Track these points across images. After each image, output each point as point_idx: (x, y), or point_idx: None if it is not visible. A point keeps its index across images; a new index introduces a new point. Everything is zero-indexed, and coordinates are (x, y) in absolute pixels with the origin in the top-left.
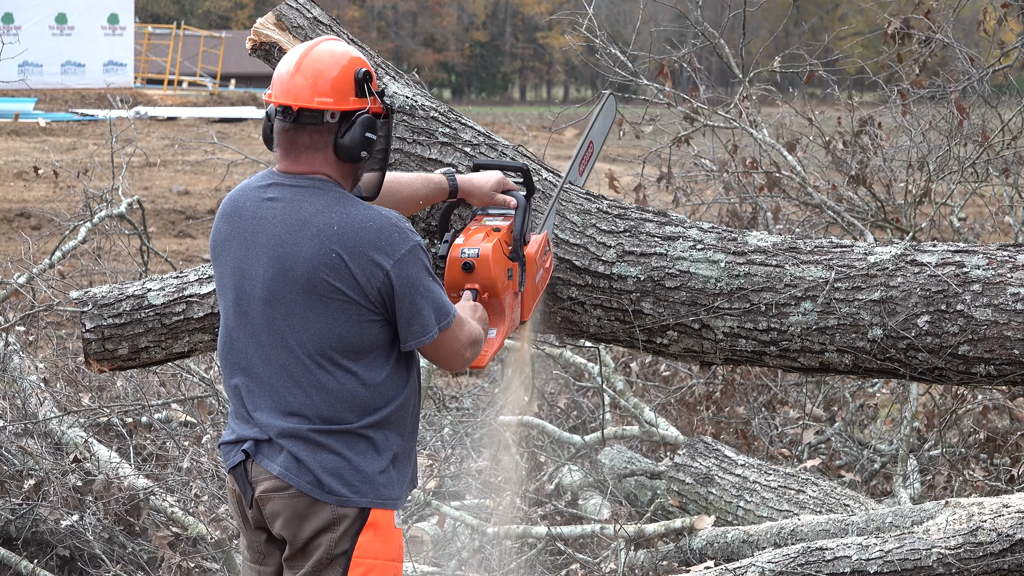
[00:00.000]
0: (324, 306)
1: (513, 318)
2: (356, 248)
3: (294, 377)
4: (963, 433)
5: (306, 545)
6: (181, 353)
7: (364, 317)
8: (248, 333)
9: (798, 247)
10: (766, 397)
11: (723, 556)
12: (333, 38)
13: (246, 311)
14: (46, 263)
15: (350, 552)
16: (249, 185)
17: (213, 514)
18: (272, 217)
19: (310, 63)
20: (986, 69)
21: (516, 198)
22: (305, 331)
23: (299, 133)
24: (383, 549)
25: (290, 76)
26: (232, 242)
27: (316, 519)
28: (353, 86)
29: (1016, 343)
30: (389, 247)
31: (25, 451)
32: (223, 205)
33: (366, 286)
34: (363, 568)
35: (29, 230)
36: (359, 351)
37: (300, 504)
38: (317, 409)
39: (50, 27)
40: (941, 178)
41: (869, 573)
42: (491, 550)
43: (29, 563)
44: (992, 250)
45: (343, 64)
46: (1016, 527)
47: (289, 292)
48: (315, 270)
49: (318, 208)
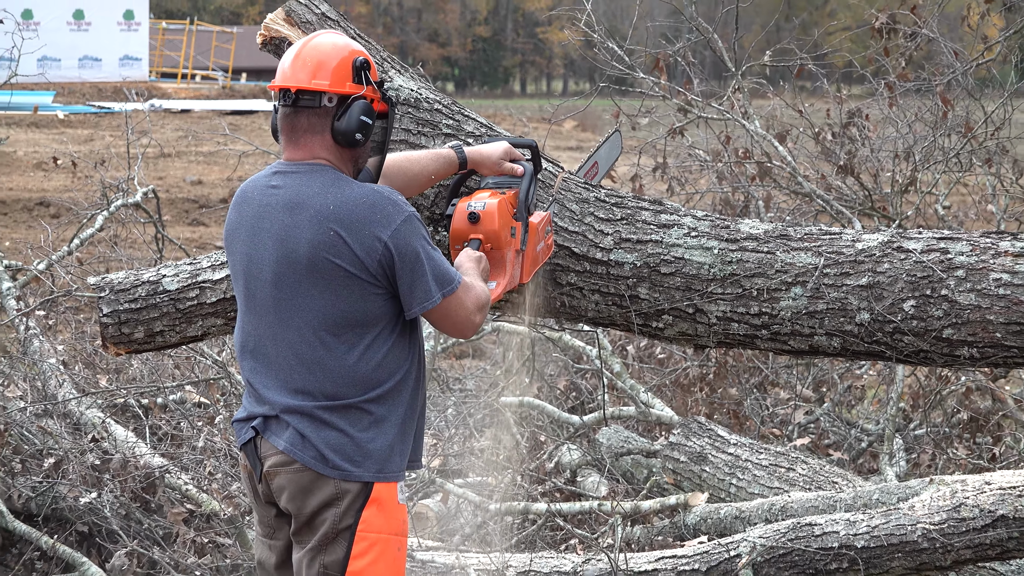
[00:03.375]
0: (327, 284)
1: (513, 274)
2: (353, 224)
3: (300, 356)
4: (947, 413)
5: (311, 519)
6: (194, 337)
7: (367, 291)
8: (258, 315)
9: (788, 234)
10: (758, 379)
11: (716, 532)
12: (337, 31)
13: (255, 294)
14: (65, 250)
15: (354, 527)
16: (258, 176)
17: (226, 491)
18: (275, 203)
19: (310, 50)
20: (970, 63)
21: (523, 166)
22: (310, 310)
23: (298, 116)
24: (387, 524)
25: (291, 63)
26: (241, 230)
27: (320, 493)
28: (351, 72)
29: (998, 327)
30: (385, 219)
31: (45, 431)
32: (236, 195)
33: (366, 260)
34: (367, 542)
35: (48, 218)
36: (363, 325)
37: (304, 478)
38: (321, 386)
39: (68, 23)
40: (926, 168)
41: (856, 548)
42: (493, 526)
43: (49, 538)
44: (975, 237)
45: (342, 52)
46: (997, 504)
47: (294, 273)
48: (316, 250)
49: (315, 190)
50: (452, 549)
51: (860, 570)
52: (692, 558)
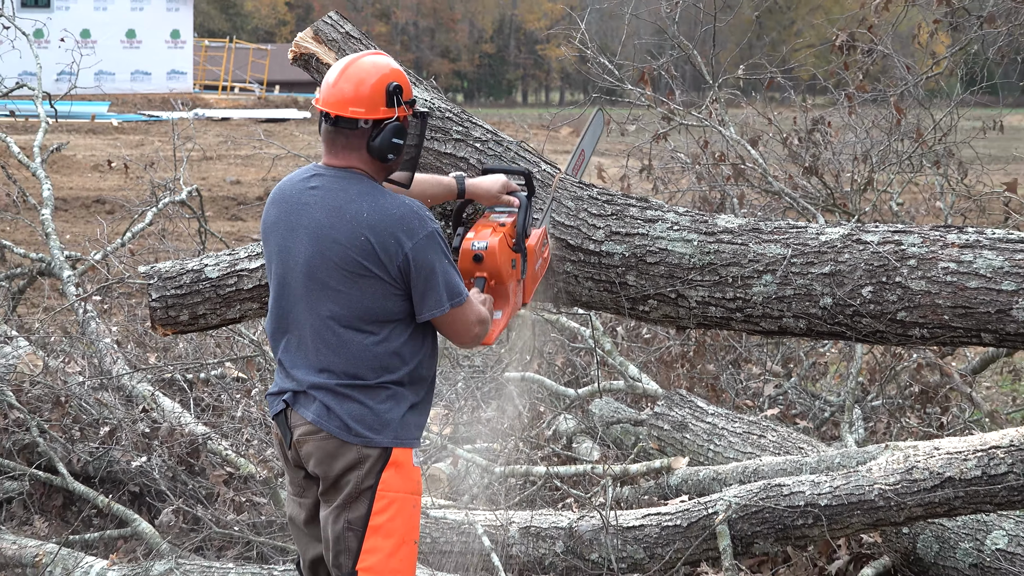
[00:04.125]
0: (355, 282)
1: (516, 302)
2: (382, 232)
3: (325, 340)
4: (900, 387)
5: (336, 481)
6: (233, 319)
7: (388, 292)
8: (291, 302)
9: (760, 228)
10: (732, 356)
11: (696, 492)
12: (378, 52)
13: (289, 283)
14: (118, 242)
15: (375, 487)
16: (295, 176)
17: (261, 456)
18: (313, 203)
19: (349, 76)
20: (920, 76)
21: (519, 198)
22: (337, 302)
23: (338, 134)
24: (404, 484)
25: (332, 85)
26: (279, 224)
27: (344, 458)
28: (384, 98)
29: (946, 310)
30: (409, 231)
31: (101, 403)
32: (273, 193)
33: (388, 264)
34: (386, 500)
35: (104, 214)
36: (382, 320)
37: (330, 445)
38: (343, 367)
39: (121, 41)
40: (882, 169)
41: (820, 506)
42: (498, 486)
43: (104, 498)
44: (926, 231)
45: (377, 78)
46: (945, 467)
47: (325, 269)
48: (348, 251)
49: (352, 196)
50: (462, 507)
51: (824, 526)
52: (675, 515)
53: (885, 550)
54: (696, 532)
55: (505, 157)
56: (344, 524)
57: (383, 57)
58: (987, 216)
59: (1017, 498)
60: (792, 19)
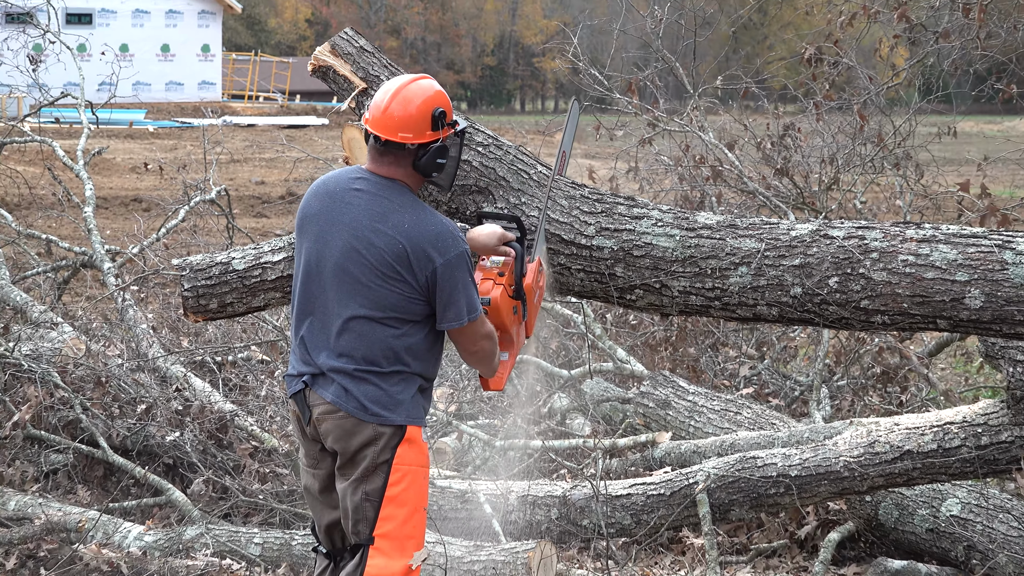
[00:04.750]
0: (384, 281)
1: (519, 341)
2: (417, 244)
3: (348, 328)
4: (863, 368)
5: (354, 456)
6: (258, 307)
7: (412, 295)
8: (319, 288)
9: (736, 224)
10: (711, 340)
11: (678, 463)
12: (423, 76)
13: (320, 271)
14: (154, 237)
15: (390, 460)
16: (340, 175)
17: (283, 431)
18: (357, 203)
19: (399, 102)
20: (881, 86)
21: (514, 249)
22: (366, 296)
23: (386, 152)
24: (415, 457)
25: (382, 111)
26: (320, 216)
27: (361, 435)
28: (430, 123)
29: (905, 298)
30: (442, 248)
31: (138, 383)
32: (316, 186)
33: (418, 273)
34: (401, 473)
35: (141, 212)
36: (402, 319)
37: (348, 423)
38: (362, 353)
39: (156, 55)
40: (847, 171)
41: (791, 476)
42: (499, 459)
43: (141, 469)
44: (887, 226)
45: (424, 105)
46: (904, 441)
47: (359, 265)
48: (383, 254)
49: (395, 206)
50: (466, 477)
51: (794, 495)
52: (659, 484)
53: (850, 516)
54: (678, 500)
55: (504, 160)
56: (362, 495)
57: (427, 81)
58: (942, 213)
59: (969, 469)
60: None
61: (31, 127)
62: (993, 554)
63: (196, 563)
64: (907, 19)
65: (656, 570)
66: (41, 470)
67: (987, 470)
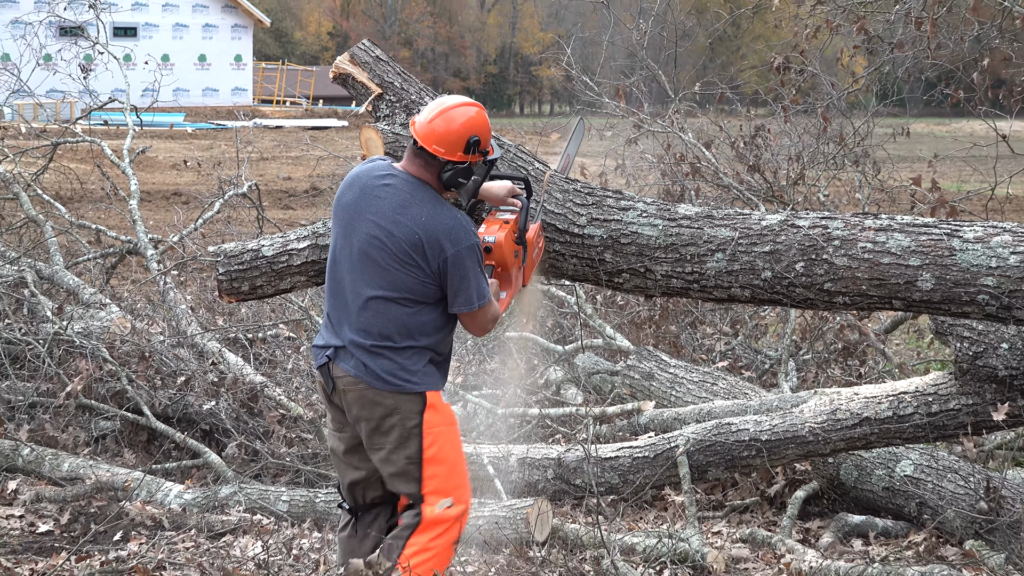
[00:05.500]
0: (402, 265)
1: (517, 284)
2: (432, 234)
3: (368, 306)
4: (826, 343)
5: (379, 425)
6: (285, 289)
7: (425, 279)
8: (345, 270)
9: (712, 215)
10: (690, 319)
11: (660, 429)
12: (473, 104)
13: (347, 255)
14: (192, 227)
15: (420, 426)
16: (372, 170)
17: (308, 401)
18: (384, 196)
19: (443, 119)
20: (843, 91)
21: (521, 200)
22: (384, 278)
23: (420, 154)
24: (442, 419)
25: (427, 121)
26: (351, 207)
27: (383, 405)
28: (463, 146)
29: (864, 281)
30: (454, 240)
31: (178, 357)
32: (351, 178)
33: (432, 261)
34: (432, 436)
35: (180, 204)
36: (415, 300)
37: (369, 394)
38: (379, 329)
39: (194, 64)
40: (811, 167)
41: (762, 440)
42: (500, 425)
43: (181, 435)
44: (847, 217)
45: (462, 129)
46: (863, 409)
47: (380, 251)
48: (401, 242)
49: (416, 200)
50: (470, 442)
51: (764, 457)
52: (643, 448)
53: (814, 476)
54: (661, 462)
55: (505, 157)
56: (405, 460)
57: (475, 109)
58: (897, 205)
59: (921, 434)
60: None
61: (82, 129)
62: (942, 510)
63: (230, 518)
64: (865, 32)
65: (641, 524)
66: (91, 435)
67: (937, 435)
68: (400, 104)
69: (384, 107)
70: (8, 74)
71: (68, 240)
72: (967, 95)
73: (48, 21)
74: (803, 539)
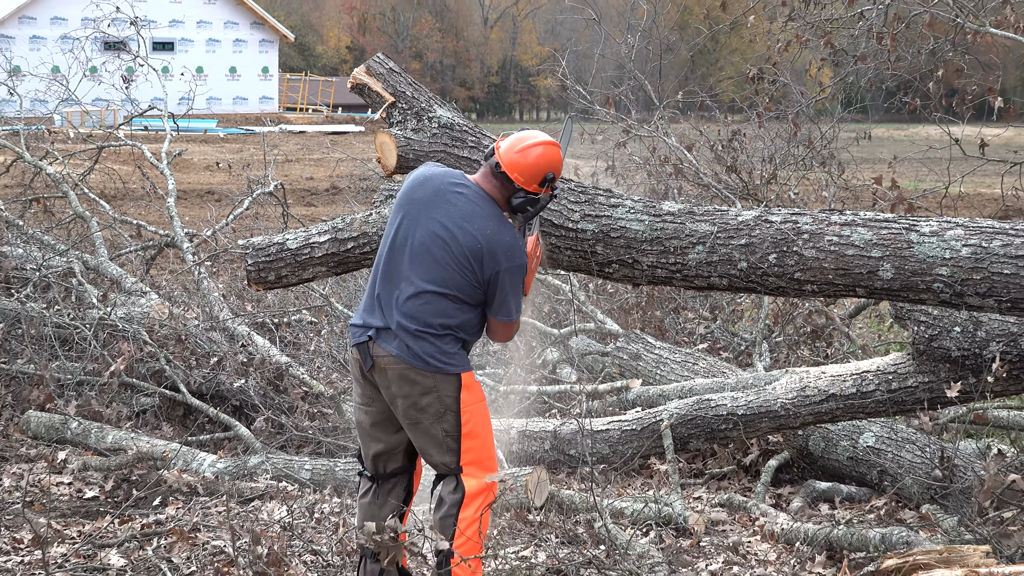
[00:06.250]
0: (459, 267)
1: None
2: (491, 248)
3: (420, 297)
4: (796, 327)
5: (417, 401)
6: (308, 278)
7: (473, 284)
8: (403, 258)
9: (694, 211)
10: (674, 305)
11: (647, 405)
12: (554, 143)
13: (406, 247)
14: (223, 223)
15: (457, 404)
16: (447, 176)
17: (328, 379)
18: (456, 203)
19: (528, 151)
20: (811, 99)
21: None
22: (440, 275)
23: (497, 176)
24: (475, 397)
25: (516, 151)
26: (422, 202)
27: (421, 384)
28: (540, 180)
29: (830, 271)
30: (508, 258)
31: (211, 340)
32: (423, 177)
33: (486, 270)
34: (468, 413)
35: (213, 202)
36: (463, 300)
37: (411, 373)
38: (425, 317)
39: (226, 75)
40: (783, 168)
41: (738, 415)
42: (502, 401)
43: (214, 410)
44: (815, 213)
45: (543, 164)
46: (830, 386)
47: (443, 250)
48: (464, 248)
49: (485, 214)
50: None
51: (741, 429)
52: (631, 421)
53: (785, 447)
54: (647, 434)
55: None
56: (443, 433)
57: (555, 149)
58: (859, 202)
59: (882, 409)
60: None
61: (124, 134)
62: (901, 477)
63: (258, 485)
64: (831, 45)
65: (629, 491)
66: (133, 410)
67: (896, 410)
68: (411, 111)
69: (397, 114)
70: (58, 84)
71: (112, 234)
72: (923, 103)
73: (94, 37)
74: (775, 504)
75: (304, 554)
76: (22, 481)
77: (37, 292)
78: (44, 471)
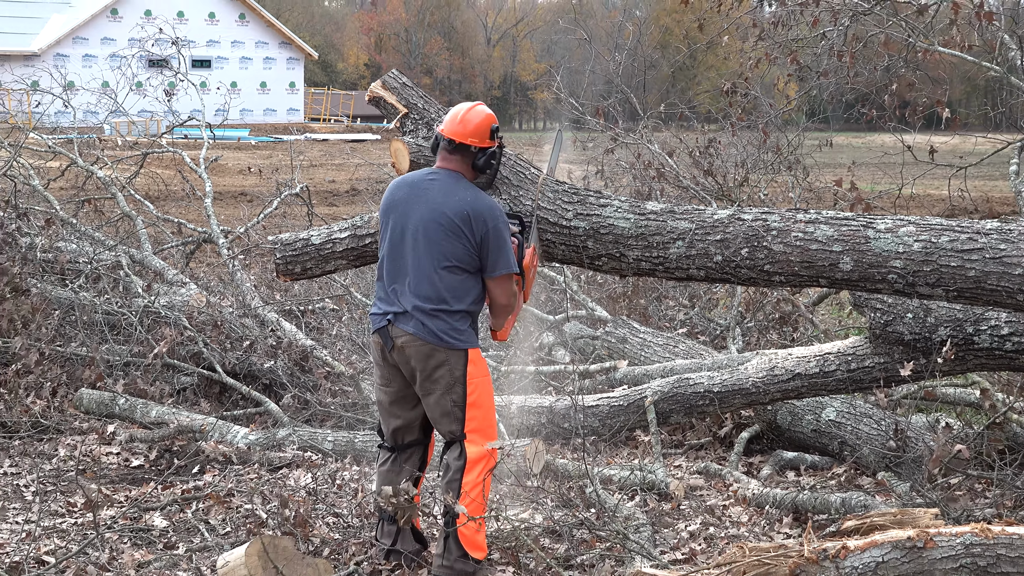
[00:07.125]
0: (452, 238)
1: (519, 305)
2: (477, 210)
3: (428, 277)
4: (766, 314)
5: (431, 374)
6: (330, 270)
7: (470, 250)
8: (405, 250)
9: (674, 210)
10: (656, 294)
11: (633, 383)
12: (478, 102)
13: (405, 238)
14: (255, 221)
15: (464, 376)
16: (417, 174)
17: (349, 360)
18: (432, 188)
19: (468, 117)
20: (779, 110)
21: (517, 239)
22: (438, 250)
23: (454, 152)
24: (480, 371)
25: (458, 122)
26: (403, 201)
27: (435, 358)
28: (488, 133)
29: (796, 264)
30: (493, 216)
31: (244, 325)
32: (397, 184)
33: (476, 232)
34: (474, 385)
35: (245, 202)
36: (463, 268)
37: (426, 349)
38: (437, 295)
39: (257, 89)
40: (754, 172)
41: (714, 392)
42: (503, 380)
43: (246, 388)
44: (783, 212)
45: (485, 121)
46: (796, 366)
47: (435, 228)
48: (452, 219)
49: (460, 188)
50: None
51: (716, 405)
52: (619, 398)
53: (756, 420)
54: (633, 409)
55: (507, 164)
56: (450, 402)
57: (484, 107)
58: (822, 202)
59: (842, 387)
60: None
61: (167, 142)
62: (859, 447)
63: (285, 455)
64: (797, 62)
65: (617, 460)
66: (174, 388)
67: (855, 387)
68: (422, 121)
69: (409, 124)
70: (108, 98)
71: (155, 231)
72: (879, 113)
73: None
74: (747, 471)
75: (327, 516)
76: (76, 451)
77: (89, 283)
78: (95, 443)
